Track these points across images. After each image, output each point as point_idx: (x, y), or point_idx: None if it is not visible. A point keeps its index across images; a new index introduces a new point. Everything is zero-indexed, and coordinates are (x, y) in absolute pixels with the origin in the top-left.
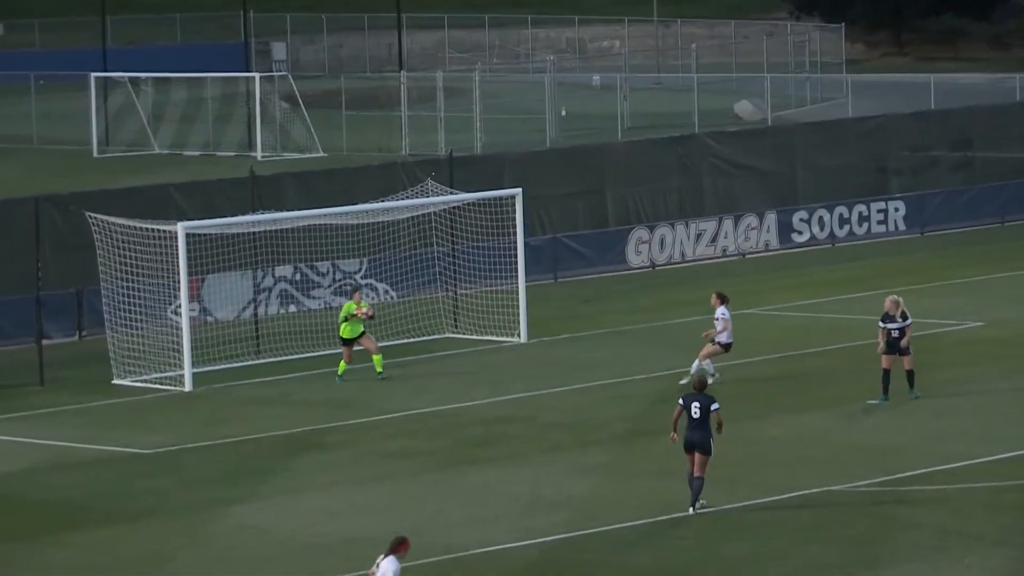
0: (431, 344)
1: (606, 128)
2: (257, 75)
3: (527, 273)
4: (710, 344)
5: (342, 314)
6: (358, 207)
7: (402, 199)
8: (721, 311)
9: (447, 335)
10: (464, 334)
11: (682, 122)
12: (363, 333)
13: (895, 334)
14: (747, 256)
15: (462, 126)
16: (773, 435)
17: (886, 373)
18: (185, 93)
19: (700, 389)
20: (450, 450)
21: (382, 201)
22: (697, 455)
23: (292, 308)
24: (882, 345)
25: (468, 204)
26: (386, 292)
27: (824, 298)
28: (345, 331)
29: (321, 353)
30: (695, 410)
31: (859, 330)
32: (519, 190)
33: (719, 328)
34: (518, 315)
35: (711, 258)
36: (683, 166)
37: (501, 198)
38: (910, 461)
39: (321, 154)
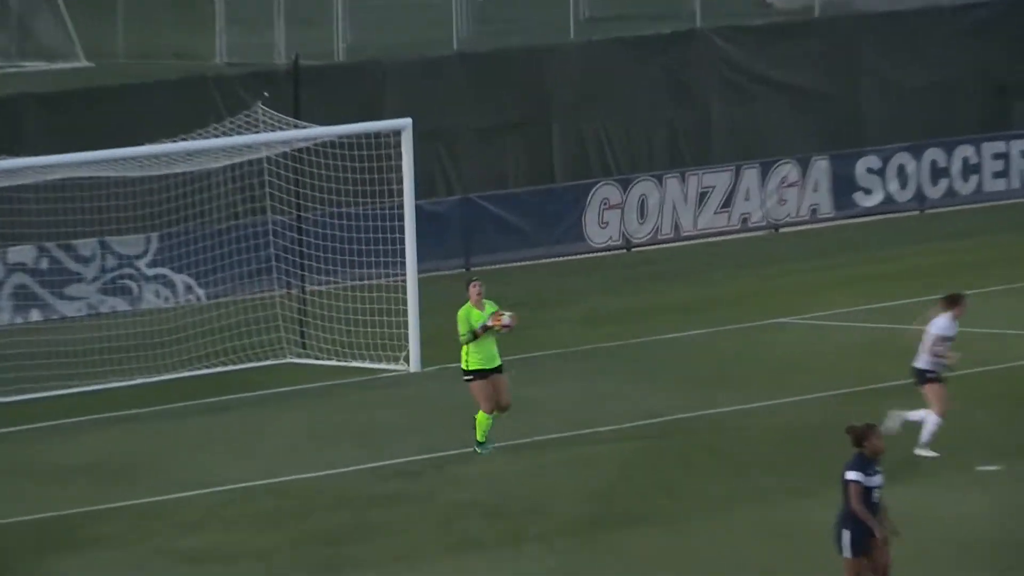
0: (264, 375)
1: (550, 20)
2: None
3: (422, 259)
4: (937, 385)
5: (464, 327)
6: (141, 150)
7: (215, 137)
8: (943, 324)
9: (290, 360)
10: (318, 359)
11: (675, 10)
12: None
13: None
14: (781, 230)
15: (314, 16)
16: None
17: None
18: None
19: (859, 444)
20: (294, 549)
21: (182, 140)
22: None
23: (35, 315)
24: None
25: (324, 144)
26: (188, 290)
27: (907, 299)
28: (473, 358)
29: (85, 388)
30: (876, 493)
31: (975, 345)
32: (407, 121)
33: (937, 350)
34: (405, 328)
35: (723, 232)
36: (677, 84)
37: (378, 135)
38: None
39: (83, 63)
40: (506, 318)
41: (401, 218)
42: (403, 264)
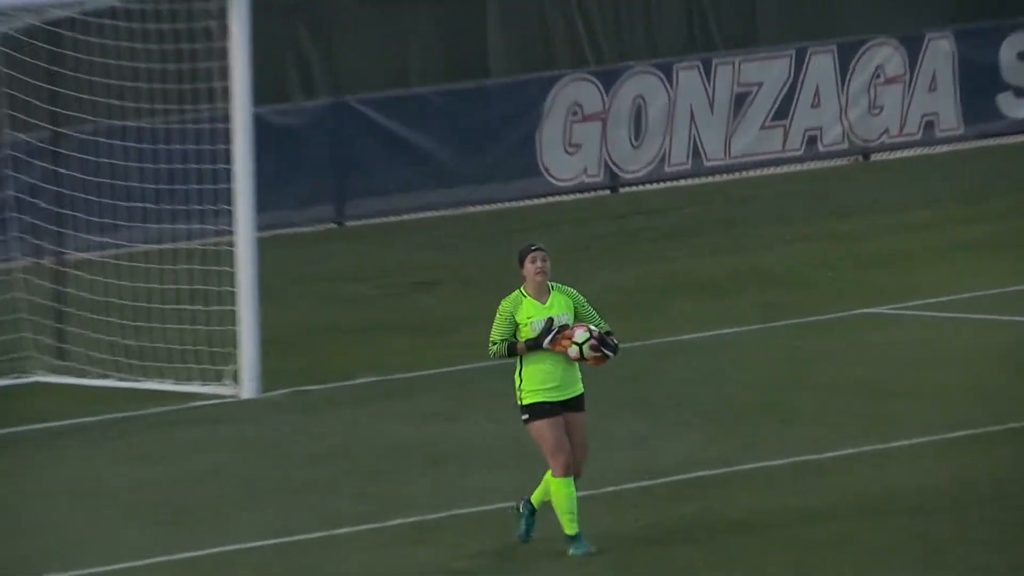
0: None
1: None
2: None
3: (265, 207)
4: None
5: (502, 328)
6: None
7: None
8: None
9: (37, 378)
10: (83, 376)
11: None
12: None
13: None
14: (873, 157)
15: None
16: None
17: None
18: None
19: None
20: None
21: None
22: None
23: None
24: None
25: (97, 14)
26: None
27: None
28: (530, 381)
29: None
30: None
31: None
32: None
33: None
34: (233, 325)
35: (774, 162)
36: None
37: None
38: None
39: None
40: (575, 346)
41: (227, 138)
42: (231, 217)
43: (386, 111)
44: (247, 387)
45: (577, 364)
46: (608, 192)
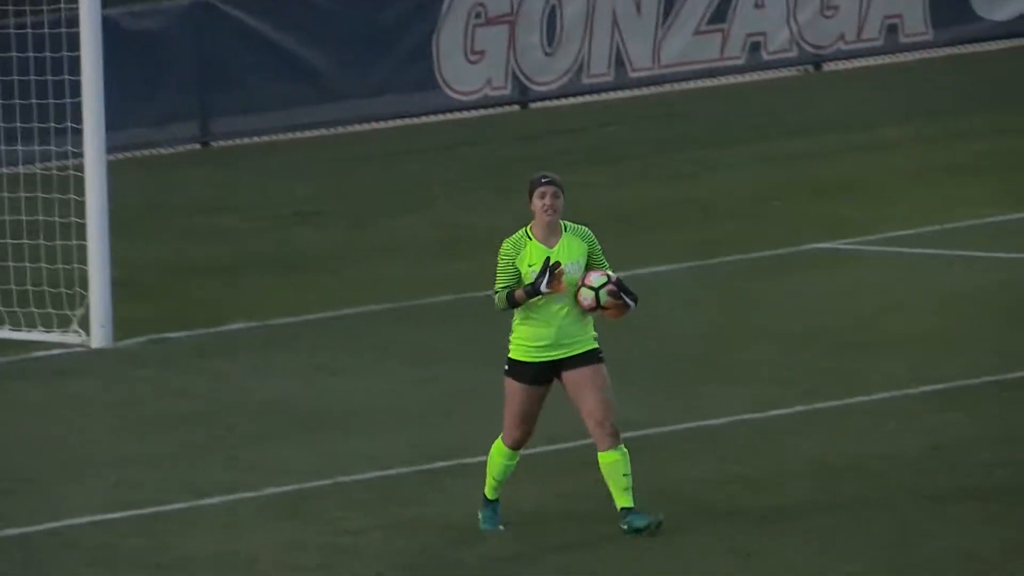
0: None
1: None
2: None
3: (116, 125)
4: None
5: (506, 275)
6: None
7: None
8: None
9: None
10: None
11: None
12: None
13: None
14: (825, 66)
15: None
16: None
17: None
18: None
19: None
20: None
21: None
22: None
23: None
24: None
25: None
26: None
27: None
28: (521, 335)
29: None
30: None
31: None
32: None
33: None
34: (83, 264)
35: (711, 72)
36: None
37: None
38: None
39: None
40: (589, 291)
41: (73, 44)
42: (79, 136)
43: (258, 13)
44: (97, 335)
45: (590, 319)
46: (517, 108)
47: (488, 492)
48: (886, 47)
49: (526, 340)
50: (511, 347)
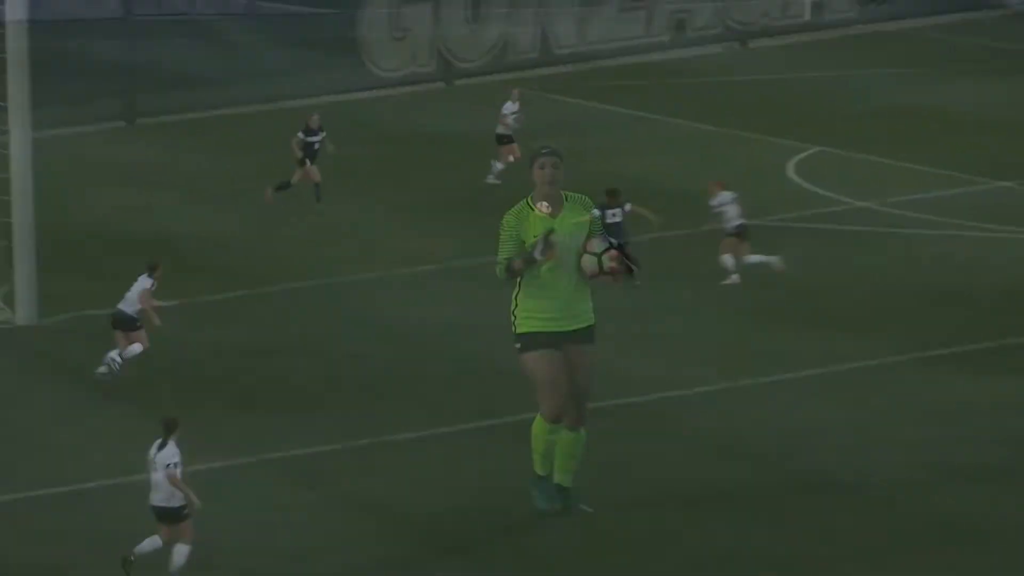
0: None
1: None
2: None
3: (44, 103)
4: None
5: (509, 246)
6: None
7: None
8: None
9: None
10: None
11: None
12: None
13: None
14: (752, 43)
15: None
16: None
17: None
18: None
19: None
20: None
21: None
22: None
23: None
24: None
25: None
26: None
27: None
28: (526, 309)
29: None
30: None
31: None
32: None
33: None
34: (7, 241)
35: (636, 49)
36: None
37: None
38: None
39: None
40: (592, 258)
41: None
42: (3, 114)
43: None
44: (23, 312)
45: (587, 293)
46: (443, 86)
47: (537, 468)
48: (815, 24)
49: (534, 312)
50: (518, 322)
